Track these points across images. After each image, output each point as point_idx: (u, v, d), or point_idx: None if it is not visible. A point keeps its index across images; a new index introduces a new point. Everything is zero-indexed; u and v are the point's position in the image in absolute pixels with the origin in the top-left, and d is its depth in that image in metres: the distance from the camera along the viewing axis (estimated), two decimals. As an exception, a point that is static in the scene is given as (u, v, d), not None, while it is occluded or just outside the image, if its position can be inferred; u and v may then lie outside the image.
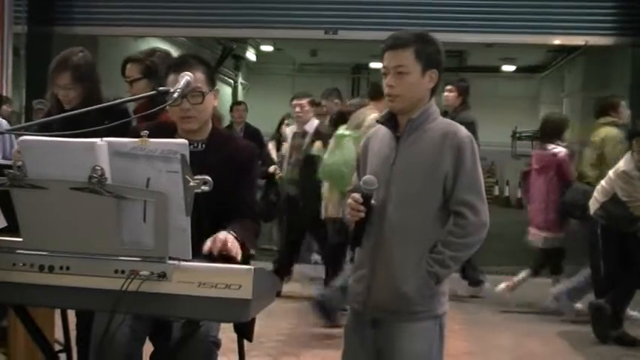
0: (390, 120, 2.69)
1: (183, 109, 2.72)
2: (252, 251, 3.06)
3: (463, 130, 2.65)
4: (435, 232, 2.62)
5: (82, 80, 3.54)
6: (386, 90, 2.62)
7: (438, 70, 2.65)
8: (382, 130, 2.74)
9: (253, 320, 2.58)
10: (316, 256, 8.74)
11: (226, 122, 9.17)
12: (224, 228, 2.60)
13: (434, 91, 2.69)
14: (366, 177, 2.60)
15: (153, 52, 3.97)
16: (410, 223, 2.60)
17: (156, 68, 3.74)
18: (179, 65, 2.82)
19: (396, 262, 2.59)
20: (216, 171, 2.21)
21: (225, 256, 2.37)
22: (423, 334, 2.63)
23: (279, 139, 8.29)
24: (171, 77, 2.78)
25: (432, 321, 2.64)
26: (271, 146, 8.41)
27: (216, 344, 2.74)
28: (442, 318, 2.67)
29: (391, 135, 2.68)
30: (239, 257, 2.38)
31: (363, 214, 2.57)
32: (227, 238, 2.41)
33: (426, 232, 2.61)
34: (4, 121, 5.14)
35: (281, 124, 8.55)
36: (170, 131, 2.76)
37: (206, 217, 2.42)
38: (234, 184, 2.66)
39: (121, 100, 3.24)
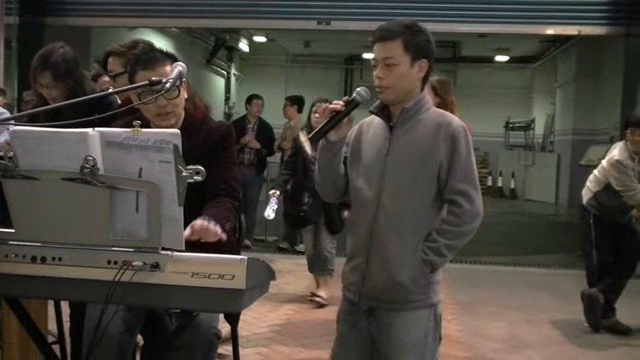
0: (382, 110, 2.69)
1: (159, 106, 2.67)
2: (248, 242, 3.06)
3: (457, 120, 2.66)
4: (430, 221, 2.62)
5: (63, 79, 3.49)
6: (376, 82, 2.62)
7: (427, 60, 2.64)
8: (375, 120, 2.74)
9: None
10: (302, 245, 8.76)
11: (218, 113, 9.15)
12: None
13: (425, 81, 2.68)
14: (364, 89, 2.61)
15: (135, 44, 3.86)
16: (404, 212, 2.60)
17: None
18: (147, 62, 2.76)
19: (391, 251, 2.59)
20: (194, 157, 2.17)
21: (206, 243, 2.39)
22: (418, 323, 2.64)
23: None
24: (139, 75, 2.73)
25: (427, 310, 2.66)
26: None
27: (218, 336, 2.74)
28: (437, 307, 2.69)
29: (384, 125, 2.68)
30: (221, 236, 2.39)
31: (339, 107, 2.56)
32: (203, 224, 2.40)
33: (421, 221, 2.61)
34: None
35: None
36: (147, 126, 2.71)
37: (189, 204, 2.38)
38: (209, 162, 2.48)
39: (108, 92, 3.21)
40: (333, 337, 2.83)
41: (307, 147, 6.17)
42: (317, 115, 6.02)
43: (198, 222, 2.42)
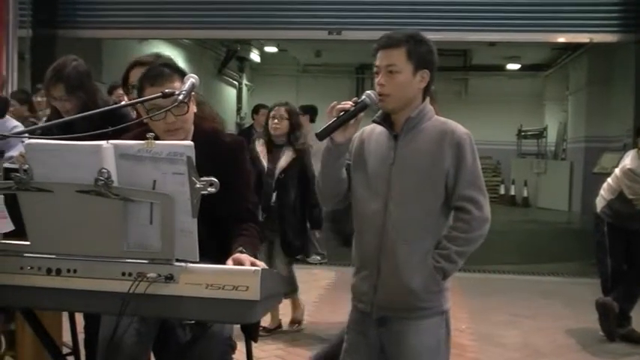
0: (385, 120, 2.70)
1: (168, 122, 2.64)
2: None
3: (461, 128, 2.68)
4: (439, 228, 2.64)
5: (76, 91, 3.52)
6: (377, 89, 2.64)
7: (429, 71, 2.66)
8: (377, 129, 2.75)
9: (258, 321, 2.56)
10: (317, 257, 8.77)
11: (229, 124, 9.17)
12: (220, 229, 2.61)
13: (426, 91, 2.70)
14: (373, 91, 2.63)
15: (156, 57, 3.89)
16: (413, 221, 2.61)
17: None
18: (155, 78, 2.73)
19: (401, 260, 2.60)
20: (205, 170, 2.15)
21: None
22: (431, 331, 2.66)
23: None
24: (147, 91, 2.71)
25: (439, 317, 2.68)
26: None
27: (232, 346, 2.74)
28: (447, 314, 2.71)
29: (388, 134, 2.69)
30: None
31: (348, 107, 2.56)
32: (252, 261, 2.33)
33: (430, 229, 2.63)
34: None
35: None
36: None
37: (200, 216, 2.36)
38: (225, 182, 2.31)
39: (120, 104, 3.23)
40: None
41: (263, 158, 5.47)
42: (276, 120, 5.46)
43: (242, 257, 2.36)
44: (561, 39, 10.01)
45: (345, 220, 5.33)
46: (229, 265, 2.31)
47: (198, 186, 2.06)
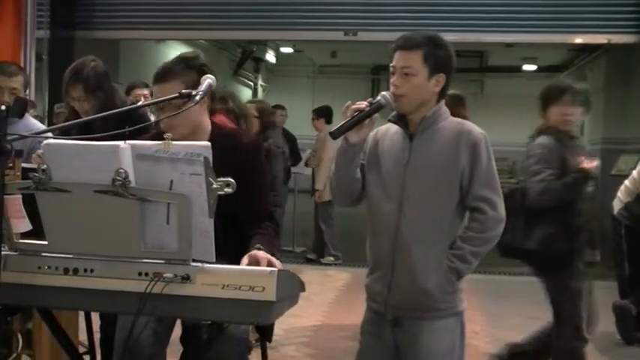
0: (400, 119, 2.70)
1: (166, 114, 2.62)
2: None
3: (476, 128, 2.68)
4: (454, 229, 2.64)
5: (94, 92, 3.54)
6: (391, 89, 2.63)
7: (446, 75, 2.64)
8: (392, 129, 2.74)
9: (273, 322, 2.56)
10: (331, 258, 8.79)
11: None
12: (237, 230, 2.62)
13: (442, 94, 2.69)
14: (389, 92, 2.62)
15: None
16: (428, 221, 2.61)
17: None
18: (159, 75, 2.74)
19: (416, 260, 2.60)
20: (222, 171, 2.14)
21: None
22: (446, 332, 2.65)
23: None
24: (154, 88, 2.74)
25: (454, 318, 2.67)
26: None
27: (248, 347, 2.74)
28: (462, 315, 2.70)
29: (403, 134, 2.69)
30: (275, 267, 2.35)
31: (363, 107, 2.56)
32: (269, 259, 2.35)
33: (445, 229, 2.63)
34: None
35: None
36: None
37: (217, 217, 2.28)
38: (242, 183, 2.28)
39: (137, 105, 3.24)
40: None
41: None
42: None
43: (259, 255, 2.38)
44: (579, 40, 9.95)
45: None
46: (244, 262, 2.32)
47: (215, 186, 2.07)
